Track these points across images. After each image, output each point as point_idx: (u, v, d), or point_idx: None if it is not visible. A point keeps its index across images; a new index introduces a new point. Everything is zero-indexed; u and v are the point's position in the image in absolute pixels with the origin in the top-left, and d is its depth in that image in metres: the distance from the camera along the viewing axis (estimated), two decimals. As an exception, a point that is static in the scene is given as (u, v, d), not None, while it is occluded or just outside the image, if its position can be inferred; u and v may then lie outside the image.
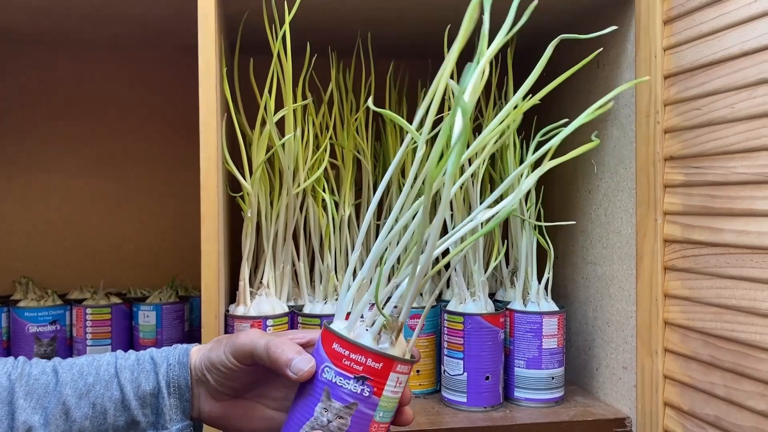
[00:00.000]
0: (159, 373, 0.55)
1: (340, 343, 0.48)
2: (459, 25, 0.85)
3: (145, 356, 0.57)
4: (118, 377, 0.55)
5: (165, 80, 1.12)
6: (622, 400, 0.83)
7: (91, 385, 0.54)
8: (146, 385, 0.55)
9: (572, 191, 0.96)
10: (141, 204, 1.13)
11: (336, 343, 0.48)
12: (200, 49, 0.68)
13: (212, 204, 0.68)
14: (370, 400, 0.48)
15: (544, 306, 0.86)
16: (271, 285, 0.83)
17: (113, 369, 0.55)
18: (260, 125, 0.79)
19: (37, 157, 1.10)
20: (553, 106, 1.03)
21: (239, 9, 0.80)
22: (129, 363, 0.56)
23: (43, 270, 1.08)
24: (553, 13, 0.90)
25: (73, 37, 1.03)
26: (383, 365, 0.48)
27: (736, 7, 0.64)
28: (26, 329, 0.92)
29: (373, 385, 0.48)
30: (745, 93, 0.63)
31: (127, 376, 0.55)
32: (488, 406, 0.83)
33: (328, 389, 0.48)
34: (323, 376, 0.49)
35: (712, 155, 0.67)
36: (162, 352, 0.57)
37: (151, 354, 0.57)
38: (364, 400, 0.48)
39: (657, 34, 0.74)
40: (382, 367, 0.48)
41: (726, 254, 0.65)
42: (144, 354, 0.57)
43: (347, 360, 0.48)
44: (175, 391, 0.55)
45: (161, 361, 0.56)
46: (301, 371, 0.49)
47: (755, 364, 0.62)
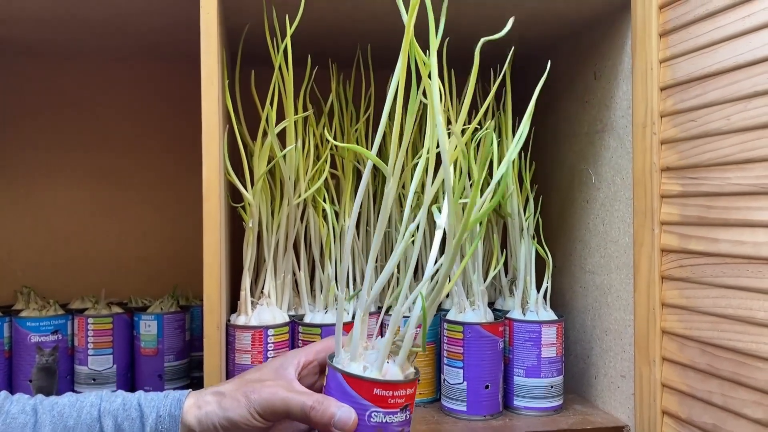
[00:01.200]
0: (146, 424, 0.53)
1: (382, 387, 0.52)
2: (457, 37, 0.87)
3: (132, 401, 0.55)
4: (100, 422, 0.53)
5: (167, 91, 1.13)
6: (620, 408, 0.84)
7: (71, 429, 0.52)
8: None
9: (570, 201, 0.97)
10: (142, 214, 1.14)
11: (377, 389, 0.52)
12: (202, 61, 0.69)
13: (214, 214, 0.69)
14: (410, 418, 0.54)
15: (543, 315, 0.87)
16: (272, 295, 0.84)
17: (96, 412, 0.53)
18: (261, 136, 0.80)
19: (39, 167, 1.11)
20: (550, 117, 1.04)
21: (241, 21, 0.81)
22: (114, 407, 0.54)
23: (45, 280, 1.09)
24: (550, 24, 0.92)
25: (76, 48, 1.04)
26: (414, 387, 0.54)
27: (730, 21, 0.65)
28: (28, 339, 0.92)
29: (411, 406, 0.54)
30: (740, 105, 0.64)
31: (110, 422, 0.53)
32: (488, 414, 0.83)
33: (380, 429, 0.52)
34: (371, 421, 0.52)
35: (707, 166, 0.68)
36: (151, 400, 0.55)
37: (139, 400, 0.55)
38: (408, 422, 0.54)
39: (653, 47, 0.75)
40: (413, 389, 0.54)
41: (722, 264, 0.66)
42: (131, 399, 0.55)
43: (392, 399, 0.52)
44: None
45: (150, 410, 0.54)
46: (347, 427, 0.51)
47: (752, 373, 0.62)
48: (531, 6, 0.83)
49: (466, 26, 0.90)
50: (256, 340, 0.78)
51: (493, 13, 0.86)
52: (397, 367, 0.53)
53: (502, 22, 0.90)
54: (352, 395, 0.52)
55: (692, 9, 0.70)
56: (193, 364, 1.00)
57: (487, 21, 0.88)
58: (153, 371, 0.95)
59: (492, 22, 0.89)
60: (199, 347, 0.98)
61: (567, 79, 0.99)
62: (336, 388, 0.53)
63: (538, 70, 1.09)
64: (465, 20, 0.88)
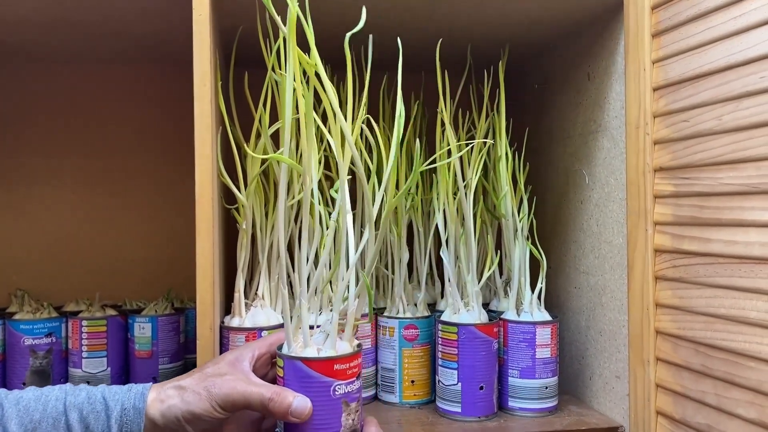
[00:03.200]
0: (111, 416, 0.55)
1: (340, 361, 0.58)
2: (452, 38, 0.87)
3: (97, 395, 0.56)
4: (66, 415, 0.54)
5: (160, 94, 1.13)
6: (615, 409, 0.84)
7: (37, 422, 0.53)
8: (95, 427, 0.54)
9: (564, 202, 0.97)
10: (136, 216, 1.14)
11: (336, 364, 0.58)
12: (195, 63, 0.69)
13: (207, 216, 0.69)
14: (362, 386, 0.61)
15: (537, 316, 0.87)
16: (266, 296, 0.83)
17: (62, 406, 0.54)
18: (255, 138, 0.80)
19: (33, 170, 1.11)
20: (543, 118, 1.04)
21: (234, 24, 0.81)
22: (79, 401, 0.55)
23: (39, 283, 1.08)
24: (543, 26, 0.92)
25: (70, 52, 1.04)
26: (360, 357, 0.61)
27: (722, 21, 0.65)
28: (22, 342, 0.92)
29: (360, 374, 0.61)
30: (732, 105, 0.64)
31: (75, 416, 0.54)
32: (482, 416, 0.83)
33: (345, 399, 0.58)
34: (336, 394, 0.58)
35: (700, 166, 0.68)
36: (115, 393, 0.56)
37: (104, 394, 0.56)
38: (361, 389, 0.61)
39: (646, 47, 0.76)
40: (361, 358, 0.61)
41: (715, 264, 0.66)
42: (95, 392, 0.56)
43: (349, 370, 0.59)
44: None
45: (114, 404, 0.55)
46: (303, 414, 0.56)
47: (745, 373, 0.62)
48: (524, 7, 0.84)
49: (460, 28, 0.90)
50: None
51: (487, 15, 0.86)
52: (345, 342, 0.61)
53: (496, 24, 0.90)
54: (315, 376, 0.57)
55: (684, 9, 0.70)
56: (187, 366, 1.00)
57: (481, 23, 0.89)
58: (147, 374, 0.95)
59: (486, 24, 0.90)
60: (193, 350, 0.98)
61: (560, 80, 0.99)
62: (295, 375, 0.57)
63: (532, 71, 1.10)
64: (458, 22, 0.88)
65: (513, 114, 0.95)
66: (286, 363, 0.58)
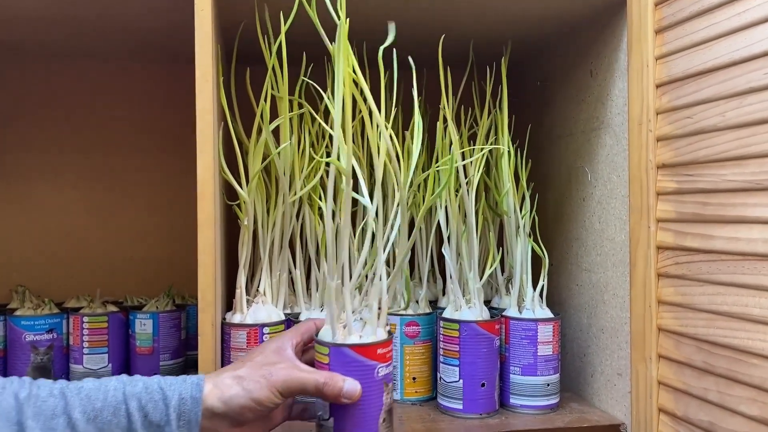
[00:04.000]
0: (169, 405, 0.56)
1: (381, 346, 0.65)
2: (452, 35, 0.87)
3: (153, 385, 0.57)
4: (126, 404, 0.55)
5: (161, 90, 1.13)
6: (616, 406, 0.83)
7: (99, 410, 0.55)
8: (154, 416, 0.56)
9: (566, 199, 0.97)
10: (137, 213, 1.14)
11: (379, 349, 0.64)
12: (197, 59, 0.68)
13: (209, 212, 0.68)
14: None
15: (539, 313, 0.87)
16: (268, 293, 0.83)
17: (121, 395, 0.56)
18: (256, 134, 0.80)
19: (34, 167, 1.11)
20: (545, 115, 1.04)
21: (235, 20, 0.81)
22: (137, 390, 0.56)
23: (40, 279, 1.08)
24: (546, 23, 0.91)
25: (71, 48, 1.03)
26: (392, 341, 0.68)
27: (725, 17, 0.65)
28: (23, 338, 0.92)
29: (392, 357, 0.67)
30: (735, 101, 0.64)
31: (134, 404, 0.56)
32: (484, 413, 0.83)
33: (385, 381, 0.65)
34: (378, 376, 0.64)
35: (703, 163, 0.68)
36: (171, 384, 0.58)
37: (160, 384, 0.58)
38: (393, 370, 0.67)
39: (649, 44, 0.75)
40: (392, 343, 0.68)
41: (718, 261, 0.66)
42: (151, 383, 0.58)
43: (387, 354, 0.65)
44: (184, 424, 0.56)
45: (172, 393, 0.57)
46: (354, 396, 0.62)
47: (747, 370, 0.62)
48: (526, 4, 0.83)
49: (462, 25, 0.90)
50: (251, 338, 0.78)
51: (489, 11, 0.86)
52: (380, 329, 0.67)
53: (499, 20, 0.90)
54: (360, 360, 0.63)
55: (687, 6, 0.70)
56: (188, 363, 1.00)
57: (484, 19, 0.88)
58: (148, 370, 0.95)
59: (488, 20, 0.89)
60: (194, 346, 0.98)
61: (563, 77, 0.99)
62: (342, 360, 0.63)
63: (534, 68, 1.09)
64: (460, 18, 0.88)
65: (515, 111, 0.95)
66: (333, 350, 0.63)
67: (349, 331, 0.65)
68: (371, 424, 0.63)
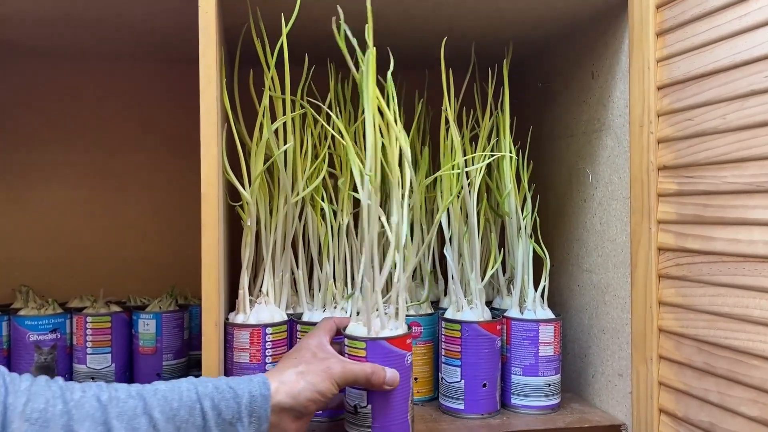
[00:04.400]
0: (241, 404, 0.59)
1: (409, 337, 0.74)
2: (453, 36, 0.87)
3: (223, 385, 0.60)
4: (200, 403, 0.58)
5: (166, 92, 1.14)
6: (617, 406, 0.84)
7: (176, 410, 0.56)
8: (227, 413, 0.58)
9: (568, 200, 0.98)
10: (140, 213, 1.14)
11: (408, 339, 0.73)
12: (201, 61, 0.69)
13: (213, 213, 0.69)
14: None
15: (540, 314, 0.87)
16: (270, 293, 0.84)
17: (194, 395, 0.58)
18: (259, 135, 0.80)
19: (37, 167, 1.11)
20: (547, 117, 1.04)
21: (239, 21, 0.82)
22: (208, 390, 0.59)
23: (44, 279, 1.09)
24: (547, 25, 0.92)
25: (73, 48, 1.04)
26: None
27: (727, 20, 0.65)
28: (27, 338, 0.92)
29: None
30: (736, 104, 0.64)
31: (208, 403, 0.58)
32: (485, 413, 0.83)
33: (411, 366, 0.74)
34: (407, 363, 0.73)
35: (704, 165, 0.68)
36: (239, 383, 0.61)
37: (229, 383, 0.61)
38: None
39: (650, 46, 0.76)
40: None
41: (718, 262, 0.66)
42: (220, 383, 0.60)
43: (411, 344, 0.74)
44: (255, 420, 0.60)
45: (242, 392, 0.60)
46: (396, 382, 0.70)
47: (748, 371, 0.63)
48: (528, 5, 0.84)
49: (463, 26, 0.90)
50: (254, 339, 0.78)
51: (491, 13, 0.86)
52: (401, 323, 0.74)
53: (500, 21, 0.90)
54: (394, 350, 0.71)
55: (689, 8, 0.70)
56: (191, 362, 1.00)
57: (485, 20, 0.89)
58: (151, 370, 0.95)
59: (489, 22, 0.90)
60: (197, 346, 0.98)
61: (564, 79, 0.99)
62: (380, 352, 0.71)
63: (535, 70, 1.10)
64: (462, 20, 0.88)
65: (517, 112, 0.96)
66: (369, 344, 0.71)
67: (382, 326, 0.73)
68: (403, 406, 0.72)
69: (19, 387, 0.53)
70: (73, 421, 0.53)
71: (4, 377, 0.53)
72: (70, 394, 0.54)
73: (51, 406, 0.53)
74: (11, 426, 0.50)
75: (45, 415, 0.52)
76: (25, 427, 0.51)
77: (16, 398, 0.52)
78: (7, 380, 0.53)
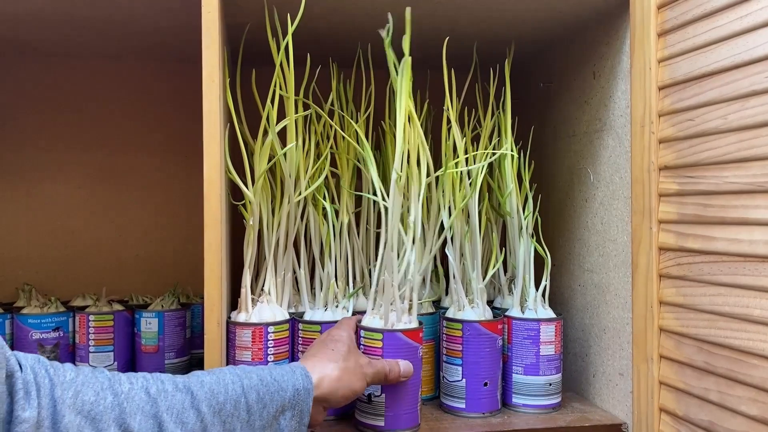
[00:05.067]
0: (286, 397, 0.60)
1: (421, 331, 0.79)
2: (455, 37, 0.87)
3: (268, 377, 0.60)
4: (245, 397, 0.58)
5: (167, 90, 1.14)
6: (618, 406, 0.84)
7: (222, 404, 0.57)
8: (271, 407, 0.59)
9: (569, 200, 0.98)
10: (143, 212, 1.14)
11: (420, 333, 0.78)
12: (204, 60, 0.69)
13: (215, 213, 0.69)
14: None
15: (541, 313, 0.87)
16: (272, 292, 0.84)
17: (240, 388, 0.58)
18: (262, 135, 0.81)
19: (40, 166, 1.12)
20: (549, 116, 1.05)
21: (242, 21, 0.82)
22: (254, 383, 0.59)
23: (46, 278, 1.09)
24: (549, 25, 0.92)
25: (78, 47, 1.04)
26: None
27: (728, 21, 0.65)
28: (29, 336, 0.93)
29: None
30: (738, 104, 0.64)
31: (254, 396, 0.58)
32: (486, 412, 0.84)
33: (422, 359, 0.80)
34: (418, 355, 0.78)
35: (705, 165, 0.68)
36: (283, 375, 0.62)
37: (273, 375, 0.61)
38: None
39: (651, 46, 0.76)
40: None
41: (719, 262, 0.67)
42: (264, 374, 0.61)
43: (423, 336, 0.80)
44: (297, 414, 0.61)
45: (287, 384, 0.61)
46: (410, 373, 0.75)
47: (748, 370, 0.63)
48: (529, 6, 0.84)
49: (464, 26, 0.91)
50: (256, 337, 0.79)
51: (492, 13, 0.86)
52: (414, 317, 0.80)
53: (502, 21, 0.91)
54: (409, 342, 0.76)
55: (690, 9, 0.70)
56: (193, 361, 1.00)
57: (486, 20, 0.89)
58: (153, 368, 0.95)
59: (491, 22, 0.90)
60: (199, 345, 0.99)
61: (566, 79, 1.00)
62: (395, 344, 0.76)
63: (537, 70, 1.10)
64: (463, 20, 0.88)
65: (518, 112, 0.96)
66: (386, 335, 0.76)
67: (398, 319, 0.77)
68: (415, 396, 0.77)
69: (64, 378, 0.51)
70: (125, 414, 0.52)
71: (47, 369, 0.51)
72: (119, 385, 0.53)
73: (101, 398, 0.52)
74: (63, 420, 0.49)
75: (96, 408, 0.51)
76: (78, 420, 0.50)
77: (63, 390, 0.50)
78: (51, 372, 0.51)
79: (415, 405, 0.77)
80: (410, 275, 0.78)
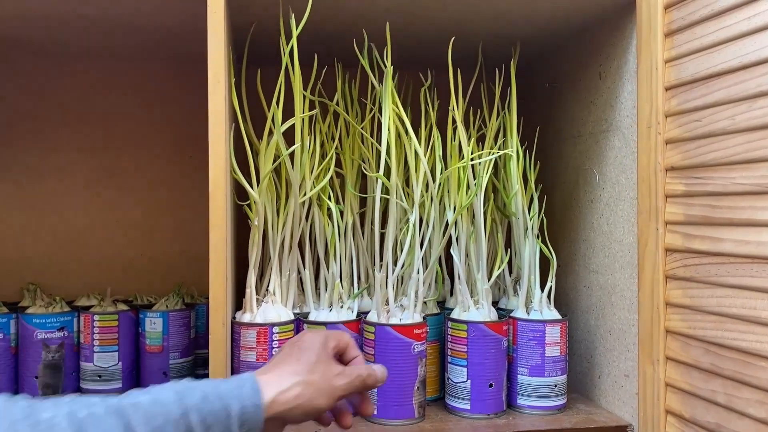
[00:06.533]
0: (231, 415, 0.54)
1: (417, 327, 0.80)
2: (460, 36, 0.87)
3: (210, 393, 0.55)
4: (187, 418, 0.52)
5: (172, 90, 1.14)
6: (624, 407, 0.84)
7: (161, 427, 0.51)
8: (216, 428, 0.53)
9: (574, 201, 0.97)
10: (148, 212, 1.14)
11: (416, 329, 0.80)
12: (209, 60, 0.69)
13: (220, 213, 0.69)
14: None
15: (546, 314, 0.87)
16: (277, 292, 0.84)
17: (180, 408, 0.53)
18: (267, 135, 0.81)
19: (45, 166, 1.12)
20: (554, 117, 1.04)
21: (247, 21, 0.82)
22: (195, 401, 0.53)
23: (51, 277, 1.09)
24: (555, 25, 0.92)
25: (83, 47, 1.04)
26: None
27: (735, 21, 0.65)
28: (34, 335, 0.93)
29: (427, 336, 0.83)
30: (745, 105, 0.64)
31: (195, 417, 0.53)
32: (491, 413, 0.84)
33: (420, 356, 0.81)
34: (414, 352, 0.80)
35: (712, 166, 0.68)
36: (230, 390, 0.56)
37: (218, 391, 0.55)
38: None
39: (658, 47, 0.76)
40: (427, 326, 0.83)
41: (726, 263, 0.66)
42: (207, 390, 0.55)
43: (423, 334, 0.81)
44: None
45: (232, 401, 0.55)
46: (386, 376, 0.65)
47: (755, 372, 0.62)
48: (535, 6, 0.84)
49: (470, 26, 0.90)
50: (261, 338, 0.79)
51: (498, 13, 0.86)
52: (417, 314, 0.81)
53: (507, 22, 0.90)
54: (400, 337, 0.78)
55: (697, 9, 0.70)
56: (198, 361, 1.00)
57: (492, 21, 0.89)
58: (158, 368, 0.95)
59: (496, 22, 0.90)
60: (203, 345, 0.99)
61: (572, 79, 0.99)
62: (385, 337, 0.79)
63: (543, 70, 1.10)
64: (468, 20, 0.88)
65: (524, 112, 0.96)
66: (378, 328, 0.79)
67: (392, 315, 0.80)
68: (408, 391, 0.79)
69: None
70: None
71: None
72: (38, 414, 0.48)
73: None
74: None
75: None
76: None
77: None
78: None
79: (408, 400, 0.80)
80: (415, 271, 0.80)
